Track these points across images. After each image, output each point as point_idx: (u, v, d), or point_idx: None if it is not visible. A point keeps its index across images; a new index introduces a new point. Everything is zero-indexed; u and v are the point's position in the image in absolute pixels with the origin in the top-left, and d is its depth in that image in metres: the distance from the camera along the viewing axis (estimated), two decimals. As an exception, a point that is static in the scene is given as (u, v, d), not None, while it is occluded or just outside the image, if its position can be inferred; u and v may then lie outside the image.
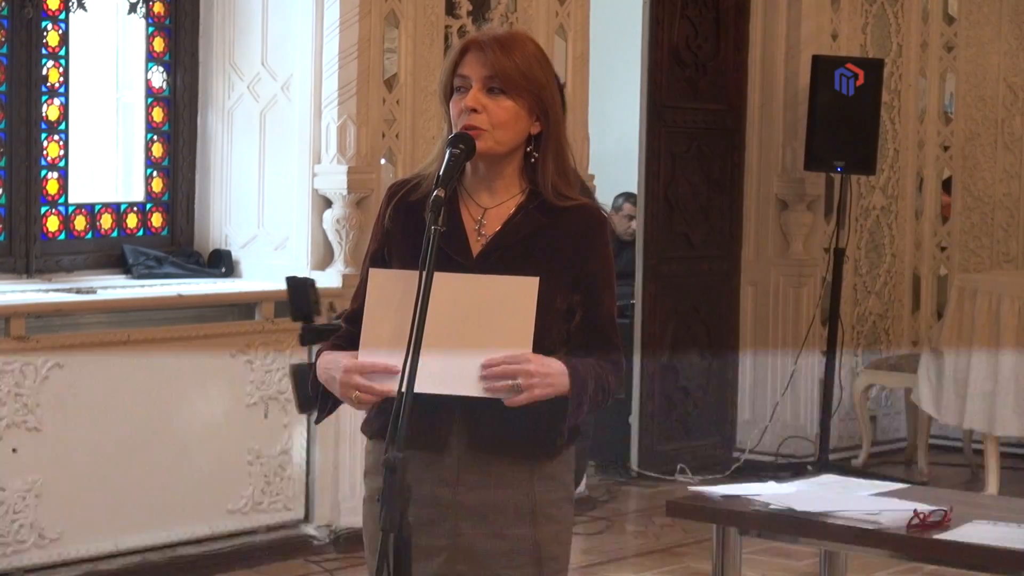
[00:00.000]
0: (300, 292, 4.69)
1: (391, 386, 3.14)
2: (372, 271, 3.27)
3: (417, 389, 3.06)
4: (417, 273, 3.17)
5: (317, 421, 3.47)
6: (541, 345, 3.23)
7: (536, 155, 3.34)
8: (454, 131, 3.30)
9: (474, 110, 3.27)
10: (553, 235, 3.33)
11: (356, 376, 3.23)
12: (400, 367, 3.08)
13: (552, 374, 3.21)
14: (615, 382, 3.35)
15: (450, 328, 3.17)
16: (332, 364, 3.30)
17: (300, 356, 6.41)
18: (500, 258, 3.29)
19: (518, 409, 3.20)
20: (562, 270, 3.31)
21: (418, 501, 3.19)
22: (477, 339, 3.18)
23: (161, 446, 6.41)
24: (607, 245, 3.39)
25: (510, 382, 3.17)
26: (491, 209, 3.34)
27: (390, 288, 3.22)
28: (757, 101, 9.17)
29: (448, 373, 3.18)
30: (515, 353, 3.17)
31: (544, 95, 3.32)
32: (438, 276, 3.15)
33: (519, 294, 3.19)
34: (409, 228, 3.34)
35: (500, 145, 3.30)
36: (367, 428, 3.40)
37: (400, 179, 3.47)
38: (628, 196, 9.98)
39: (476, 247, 3.32)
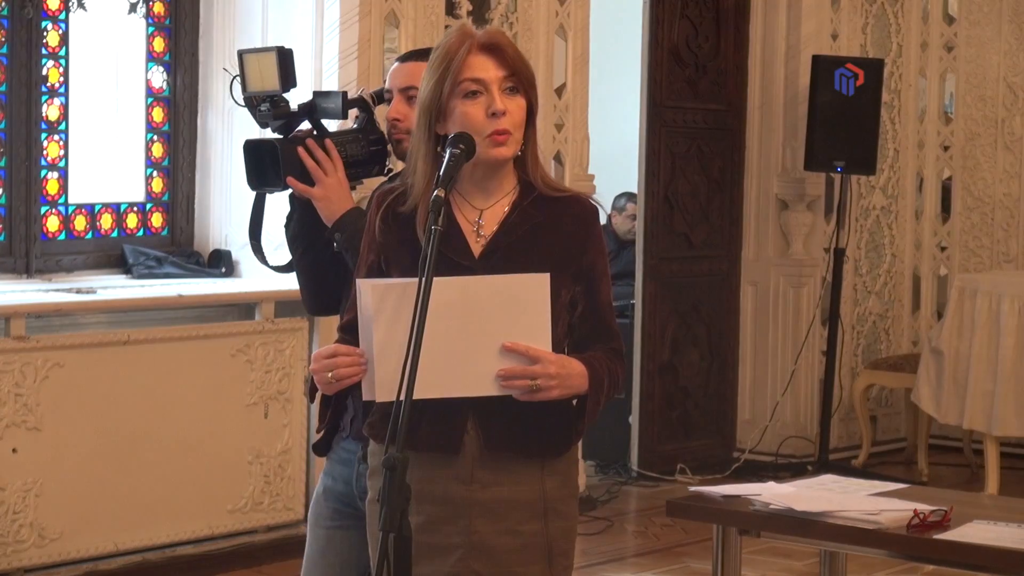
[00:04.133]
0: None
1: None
2: (361, 282, 3.22)
3: (436, 394, 3.07)
4: (412, 282, 3.15)
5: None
6: (551, 340, 3.24)
7: (524, 149, 3.33)
8: (478, 137, 3.24)
9: (504, 114, 3.25)
10: (551, 229, 3.33)
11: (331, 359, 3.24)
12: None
13: (572, 376, 3.22)
14: (622, 372, 3.38)
15: (464, 331, 3.15)
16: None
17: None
18: (503, 257, 3.29)
19: (527, 405, 3.21)
20: (563, 263, 3.32)
21: (432, 499, 3.20)
22: (495, 339, 3.17)
23: (161, 446, 6.41)
24: (600, 234, 3.40)
25: (529, 382, 3.18)
26: (487, 209, 3.33)
27: (391, 299, 3.18)
28: (757, 101, 9.17)
29: (465, 375, 3.16)
30: (539, 352, 3.18)
31: (536, 90, 3.34)
32: (446, 281, 3.13)
33: (531, 291, 3.18)
34: (404, 238, 3.32)
35: (519, 146, 3.30)
36: (371, 430, 3.40)
37: (386, 187, 3.43)
38: (631, 196, 9.97)
39: (477, 248, 3.31)
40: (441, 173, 3.18)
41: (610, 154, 9.56)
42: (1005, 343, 8.05)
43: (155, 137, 7.09)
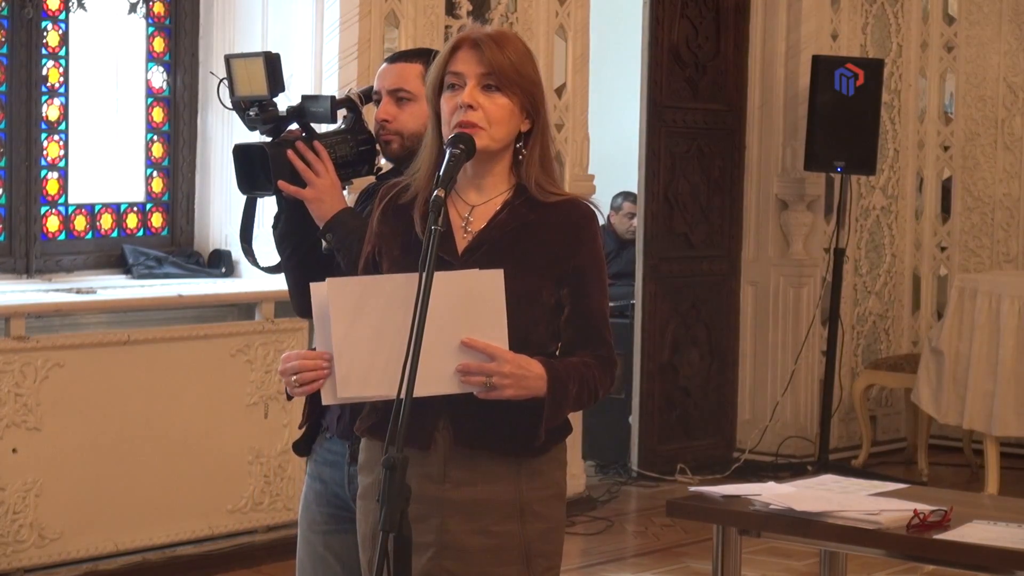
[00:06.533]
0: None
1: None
2: (314, 285, 3.23)
3: (396, 394, 3.04)
4: (373, 278, 3.24)
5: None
6: (529, 341, 3.24)
7: (524, 152, 3.34)
8: (445, 128, 3.29)
9: (470, 107, 3.27)
10: (539, 229, 3.32)
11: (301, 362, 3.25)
12: (375, 374, 3.10)
13: (528, 377, 3.20)
14: (605, 379, 3.34)
15: (425, 328, 3.14)
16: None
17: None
18: (485, 253, 3.29)
19: (499, 404, 3.20)
20: (548, 264, 3.31)
21: (406, 497, 3.20)
22: (452, 336, 3.17)
23: (161, 446, 6.41)
24: (596, 239, 3.37)
25: (484, 379, 3.17)
26: (478, 206, 3.34)
27: (349, 297, 3.19)
28: (757, 101, 9.18)
29: (426, 373, 3.15)
30: (496, 350, 3.17)
31: (535, 92, 3.33)
32: (405, 277, 3.15)
33: (486, 287, 3.18)
34: (399, 229, 3.35)
35: (495, 143, 3.30)
36: (360, 426, 3.40)
37: (391, 181, 3.45)
38: (628, 195, 9.99)
39: (462, 244, 3.32)
40: (441, 173, 3.19)
41: (610, 154, 9.56)
42: (1005, 343, 8.05)
43: (155, 137, 7.09)
